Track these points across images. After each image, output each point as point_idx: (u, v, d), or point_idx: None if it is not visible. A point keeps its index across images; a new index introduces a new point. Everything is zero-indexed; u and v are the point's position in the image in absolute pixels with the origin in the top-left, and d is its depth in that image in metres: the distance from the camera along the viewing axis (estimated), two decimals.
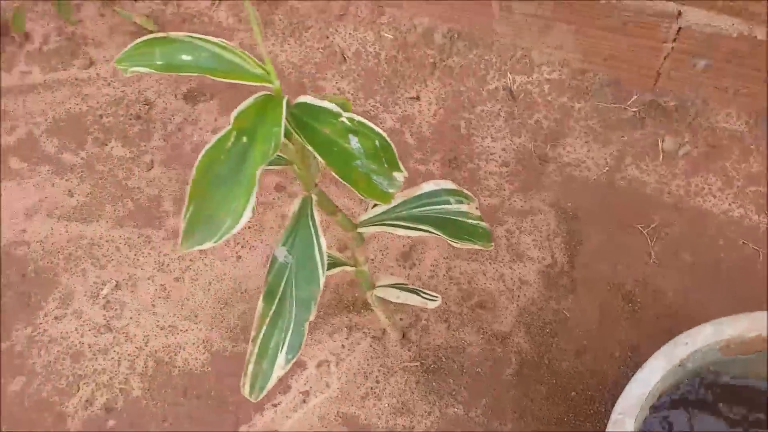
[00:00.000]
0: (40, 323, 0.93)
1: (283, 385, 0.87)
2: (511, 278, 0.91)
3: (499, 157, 0.99)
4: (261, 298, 0.56)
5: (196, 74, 0.50)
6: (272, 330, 0.56)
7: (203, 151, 0.46)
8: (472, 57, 1.06)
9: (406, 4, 1.07)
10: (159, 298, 0.94)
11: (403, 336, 0.88)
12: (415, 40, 1.09)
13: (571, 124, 1.00)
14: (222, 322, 0.92)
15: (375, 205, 0.69)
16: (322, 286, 0.55)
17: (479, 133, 1.02)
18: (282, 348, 0.55)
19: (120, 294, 0.95)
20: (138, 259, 0.97)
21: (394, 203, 0.67)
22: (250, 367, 0.55)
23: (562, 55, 1.00)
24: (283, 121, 0.46)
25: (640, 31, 0.89)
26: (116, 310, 0.93)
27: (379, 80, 1.08)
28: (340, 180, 0.49)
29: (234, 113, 0.47)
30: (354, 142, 0.49)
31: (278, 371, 0.55)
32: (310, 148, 0.49)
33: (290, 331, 0.56)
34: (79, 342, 0.91)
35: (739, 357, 0.69)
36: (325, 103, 0.49)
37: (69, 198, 1.03)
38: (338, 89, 1.09)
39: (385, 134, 0.49)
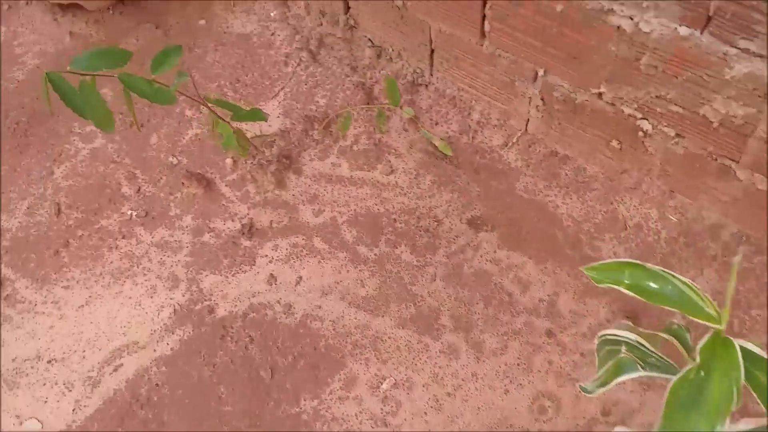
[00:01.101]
0: (325, 399, 1.04)
1: None
2: None
3: None
4: None
5: (658, 304, 0.59)
6: None
7: (674, 379, 0.55)
8: (756, 262, 1.11)
9: (701, 197, 1.15)
10: (431, 407, 1.03)
11: None
12: (699, 230, 1.16)
13: None
14: None
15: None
16: None
17: (752, 335, 1.06)
18: None
19: (397, 392, 1.04)
20: (416, 364, 1.07)
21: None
22: None
23: None
24: (742, 368, 0.54)
25: None
26: (392, 407, 1.03)
27: (656, 256, 1.16)
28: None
29: (697, 348, 0.56)
30: None
31: None
32: (753, 393, 0.57)
33: None
34: (358, 428, 1.01)
35: None
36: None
37: (360, 287, 1.16)
38: (614, 253, 1.18)
39: None
